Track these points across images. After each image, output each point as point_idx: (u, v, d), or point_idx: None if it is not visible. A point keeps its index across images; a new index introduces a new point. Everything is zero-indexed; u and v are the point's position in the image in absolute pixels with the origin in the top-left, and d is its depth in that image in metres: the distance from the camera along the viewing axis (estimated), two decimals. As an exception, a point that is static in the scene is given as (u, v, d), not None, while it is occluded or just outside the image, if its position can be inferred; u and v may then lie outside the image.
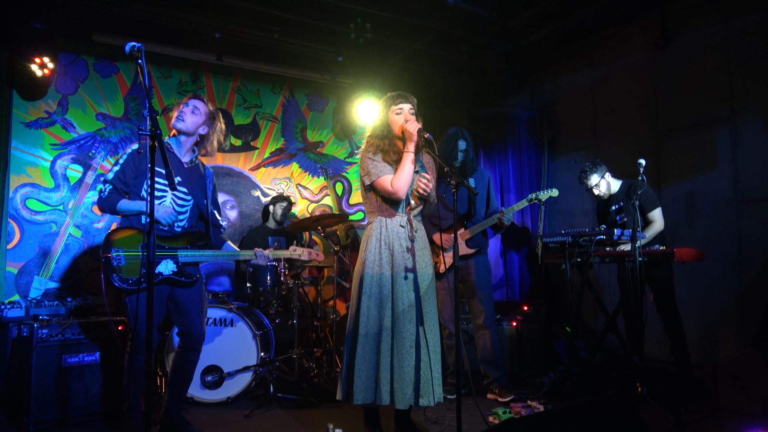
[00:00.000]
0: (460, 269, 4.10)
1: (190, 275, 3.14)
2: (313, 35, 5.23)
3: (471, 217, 4.23)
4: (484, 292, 4.15)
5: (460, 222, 4.19)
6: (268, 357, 4.11)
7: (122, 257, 2.94)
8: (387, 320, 2.83)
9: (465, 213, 4.23)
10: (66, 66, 4.85)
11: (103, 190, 3.04)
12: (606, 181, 4.31)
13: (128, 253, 2.96)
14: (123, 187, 3.06)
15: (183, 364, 3.24)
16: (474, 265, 4.17)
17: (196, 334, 3.22)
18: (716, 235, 4.51)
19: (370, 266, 2.89)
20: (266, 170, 5.84)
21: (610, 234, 3.90)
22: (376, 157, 2.95)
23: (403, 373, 2.79)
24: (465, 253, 4.14)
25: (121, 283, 2.92)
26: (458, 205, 4.16)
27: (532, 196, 4.18)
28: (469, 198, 4.23)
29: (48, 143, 4.76)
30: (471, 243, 4.18)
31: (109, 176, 3.06)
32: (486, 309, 4.12)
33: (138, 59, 2.23)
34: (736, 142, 4.50)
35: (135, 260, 2.96)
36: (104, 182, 3.06)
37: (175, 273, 3.08)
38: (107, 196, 3.03)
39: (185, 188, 3.16)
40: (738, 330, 4.41)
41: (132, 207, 3.04)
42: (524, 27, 5.24)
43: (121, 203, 3.03)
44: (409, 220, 2.98)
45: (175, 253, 3.09)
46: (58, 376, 3.49)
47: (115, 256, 2.92)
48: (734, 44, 4.50)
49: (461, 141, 4.18)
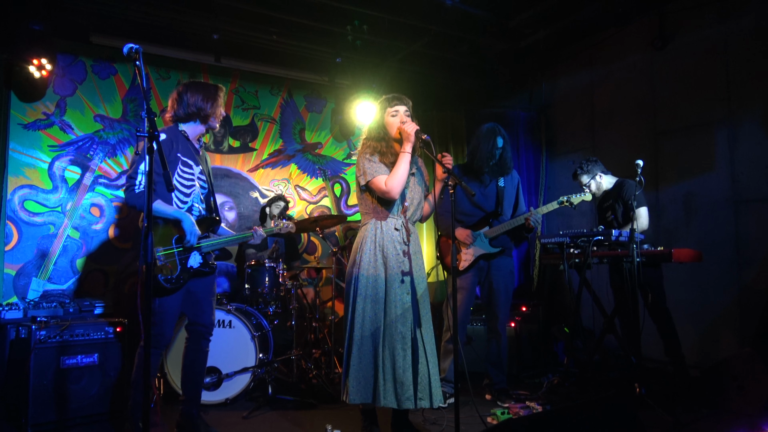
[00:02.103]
0: (482, 269, 4.07)
1: (213, 265, 3.18)
2: (312, 37, 5.22)
3: (498, 216, 4.09)
4: (501, 296, 4.05)
5: (487, 220, 4.08)
6: (267, 358, 4.11)
7: (161, 256, 2.92)
8: (382, 323, 2.86)
9: (492, 211, 4.09)
10: (64, 67, 4.84)
11: (137, 184, 2.89)
12: (596, 182, 4.30)
13: (165, 251, 2.95)
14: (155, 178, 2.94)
15: (195, 356, 3.23)
16: (495, 267, 4.07)
17: (206, 322, 3.23)
18: (714, 235, 4.50)
19: (365, 268, 2.91)
20: (264, 171, 5.84)
21: (608, 234, 3.89)
22: (373, 158, 2.96)
23: (402, 375, 2.81)
24: (487, 252, 4.04)
25: (166, 284, 2.91)
26: (486, 203, 4.09)
27: (563, 198, 4.01)
28: (498, 196, 4.10)
29: (46, 145, 4.75)
30: (495, 243, 4.07)
31: (142, 168, 2.88)
32: (500, 314, 4.05)
33: (136, 61, 2.22)
34: (734, 143, 4.50)
35: (172, 258, 2.96)
36: (136, 174, 2.90)
37: (201, 264, 3.11)
38: (144, 191, 2.83)
39: (204, 175, 3.19)
40: (736, 330, 4.40)
41: (170, 212, 2.97)
42: (522, 28, 5.24)
43: (157, 204, 2.92)
44: (403, 223, 3.00)
45: (199, 244, 3.10)
46: (56, 378, 3.48)
47: (158, 256, 2.91)
48: (732, 45, 4.51)
49: (499, 138, 4.04)
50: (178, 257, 2.99)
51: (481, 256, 4.04)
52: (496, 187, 4.10)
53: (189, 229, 2.99)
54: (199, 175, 3.16)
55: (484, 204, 4.11)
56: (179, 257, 3.00)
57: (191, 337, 3.25)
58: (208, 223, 3.20)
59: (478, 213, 4.11)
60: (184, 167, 3.07)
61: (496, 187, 4.10)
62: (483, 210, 4.11)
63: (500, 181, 4.11)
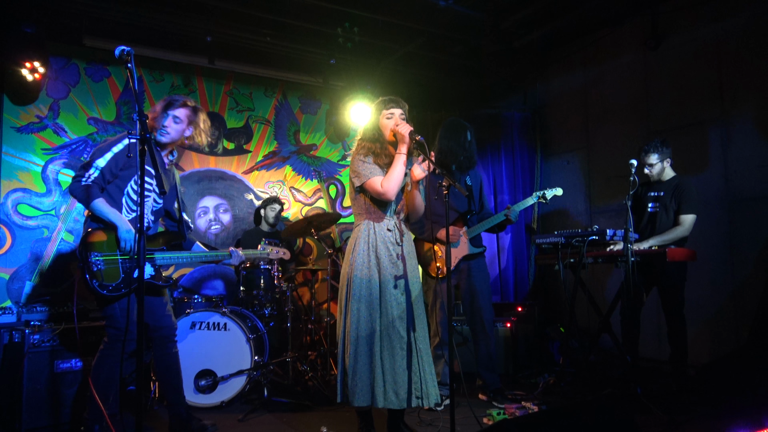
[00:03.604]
0: (461, 271, 3.99)
1: (166, 279, 3.14)
2: (306, 38, 5.22)
3: (472, 214, 4.02)
4: (485, 297, 3.98)
5: (461, 221, 4.01)
6: (262, 360, 4.10)
7: (101, 261, 2.87)
8: (377, 324, 2.87)
9: (465, 210, 4.02)
10: (57, 70, 4.82)
11: (86, 176, 2.86)
12: (662, 166, 4.05)
13: (107, 257, 2.89)
14: (110, 177, 2.93)
15: (168, 361, 3.22)
16: (476, 268, 4.00)
17: (167, 324, 3.22)
18: (708, 234, 4.50)
19: (359, 269, 2.92)
20: (259, 173, 5.83)
21: (603, 234, 3.91)
22: (368, 159, 2.95)
23: (396, 375, 2.83)
24: (470, 253, 3.98)
25: (100, 290, 2.86)
26: (458, 202, 4.00)
27: (539, 193, 4.09)
28: (470, 193, 4.03)
29: (39, 148, 4.73)
30: (474, 242, 4.01)
31: (100, 163, 2.88)
32: (486, 316, 3.95)
33: (127, 63, 2.22)
34: (727, 143, 4.52)
35: (114, 264, 2.90)
36: (89, 167, 2.86)
37: (153, 277, 3.08)
38: (90, 184, 2.86)
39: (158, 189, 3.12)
40: (731, 329, 4.41)
41: (108, 215, 2.90)
42: (516, 29, 5.24)
43: (99, 203, 2.87)
44: (397, 224, 3.00)
45: (152, 255, 3.06)
46: (50, 382, 3.46)
47: (95, 261, 2.86)
48: (725, 45, 4.52)
49: (468, 132, 3.98)
50: (121, 265, 2.91)
51: (463, 258, 3.99)
52: (465, 184, 4.03)
53: (123, 236, 2.91)
54: (155, 188, 3.09)
55: (457, 204, 4.01)
56: (123, 265, 2.92)
57: (158, 344, 3.21)
58: (169, 237, 3.17)
59: (452, 214, 3.96)
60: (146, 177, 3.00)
61: (464, 185, 4.02)
62: (456, 210, 4.01)
63: (467, 179, 4.06)
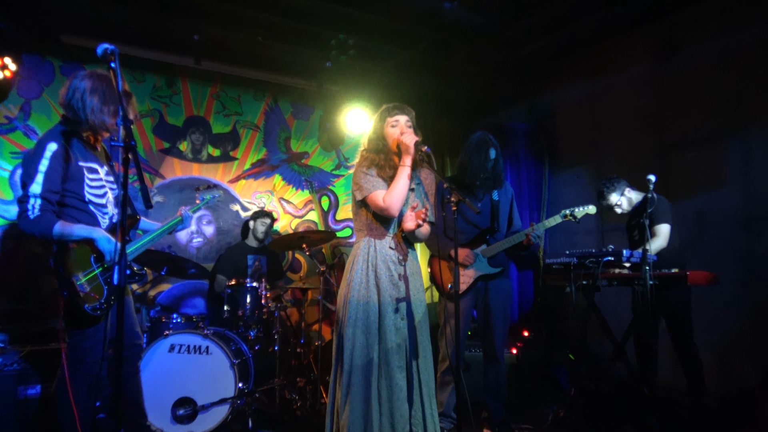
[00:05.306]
0: (479, 291, 3.81)
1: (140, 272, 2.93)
2: (300, 39, 5.09)
3: (494, 232, 3.84)
4: (499, 320, 3.79)
5: (483, 237, 3.83)
6: (247, 388, 3.89)
7: (85, 283, 2.64)
8: (375, 353, 2.67)
9: (488, 227, 3.85)
10: (30, 68, 4.66)
11: (30, 209, 2.59)
12: (626, 197, 4.12)
13: (88, 275, 2.66)
14: (56, 197, 2.66)
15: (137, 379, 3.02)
16: (494, 289, 3.81)
17: (139, 341, 3.05)
18: (727, 254, 4.35)
19: (356, 289, 2.73)
20: (246, 183, 5.63)
21: (618, 255, 3.67)
22: (371, 172, 2.80)
23: (394, 409, 2.63)
24: (487, 273, 3.79)
25: (93, 312, 2.63)
26: (481, 219, 3.84)
27: (566, 212, 3.74)
28: (492, 211, 3.87)
29: (7, 152, 4.56)
30: (493, 262, 3.81)
31: (35, 189, 2.59)
32: (498, 340, 3.79)
33: (111, 62, 2.14)
34: (749, 158, 4.37)
35: (95, 280, 2.68)
36: (29, 197, 2.60)
37: (129, 275, 2.87)
38: (40, 215, 2.59)
39: (112, 177, 2.90)
40: (750, 353, 4.24)
41: (77, 233, 2.65)
42: (522, 36, 5.14)
43: (60, 227, 2.61)
44: (399, 242, 2.82)
45: None
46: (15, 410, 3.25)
47: (80, 285, 2.61)
48: (746, 55, 4.40)
49: (492, 149, 3.82)
50: (101, 278, 2.72)
51: (480, 277, 3.79)
52: (490, 201, 3.88)
53: (105, 248, 2.68)
54: (106, 177, 2.86)
55: (479, 220, 3.86)
56: (102, 277, 2.73)
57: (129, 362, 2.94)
58: (129, 223, 2.95)
59: (472, 230, 3.85)
60: (90, 174, 2.76)
61: (490, 201, 3.88)
62: (478, 227, 3.85)
63: (494, 195, 3.89)
